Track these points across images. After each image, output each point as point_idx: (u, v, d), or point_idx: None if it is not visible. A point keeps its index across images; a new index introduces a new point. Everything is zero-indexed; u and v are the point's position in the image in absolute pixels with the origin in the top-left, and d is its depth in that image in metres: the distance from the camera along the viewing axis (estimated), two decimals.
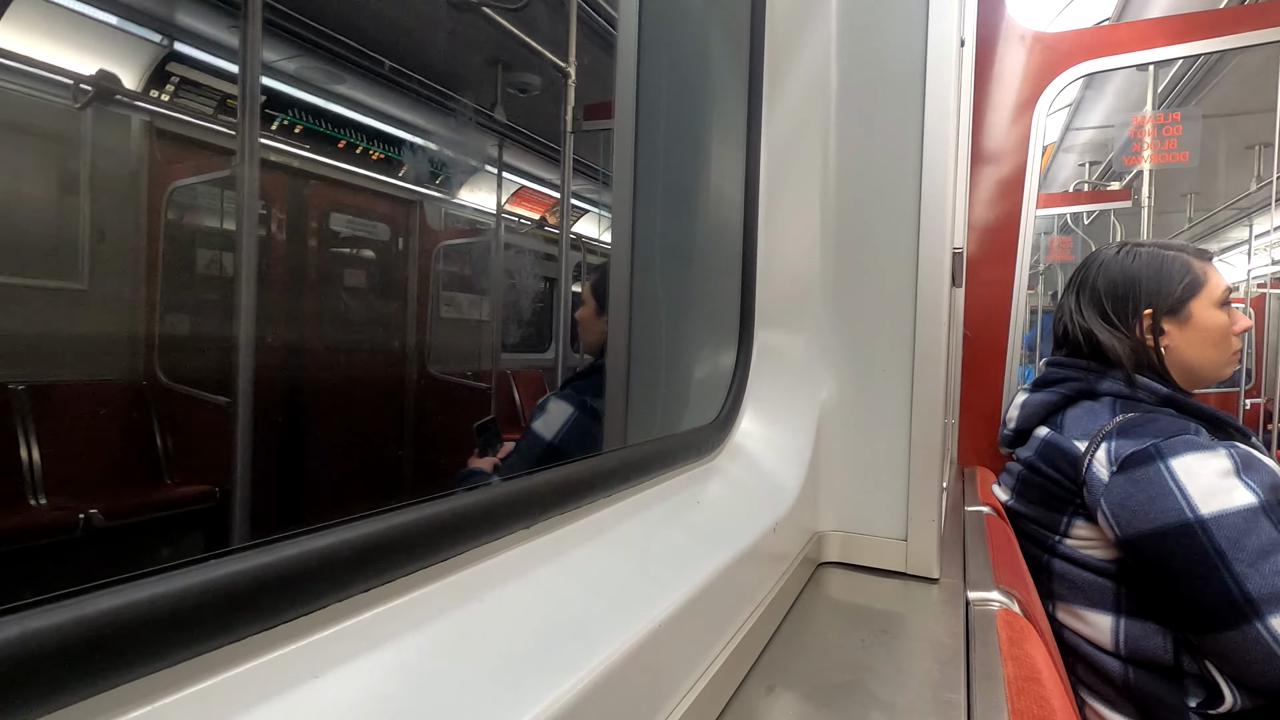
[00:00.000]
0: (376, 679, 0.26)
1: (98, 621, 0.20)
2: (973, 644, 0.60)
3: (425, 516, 0.32)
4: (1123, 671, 1.00)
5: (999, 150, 1.84)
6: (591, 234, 5.65)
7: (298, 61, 3.18)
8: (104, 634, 0.20)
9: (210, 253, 3.07)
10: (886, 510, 0.78)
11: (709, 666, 0.45)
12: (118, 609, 0.20)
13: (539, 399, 1.41)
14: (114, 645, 0.20)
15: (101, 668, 0.20)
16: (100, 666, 0.20)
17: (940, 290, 0.75)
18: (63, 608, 0.19)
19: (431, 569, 0.32)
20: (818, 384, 0.80)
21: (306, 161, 3.49)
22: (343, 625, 0.27)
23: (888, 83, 0.79)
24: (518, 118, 3.97)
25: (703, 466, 0.67)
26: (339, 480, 3.30)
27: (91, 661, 0.20)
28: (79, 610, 0.20)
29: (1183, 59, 2.79)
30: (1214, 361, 1.13)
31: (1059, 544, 1.08)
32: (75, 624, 0.19)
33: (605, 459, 0.51)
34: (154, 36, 2.72)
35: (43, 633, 0.19)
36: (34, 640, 0.18)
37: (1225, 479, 0.92)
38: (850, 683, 0.51)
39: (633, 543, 0.46)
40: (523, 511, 0.39)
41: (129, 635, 0.21)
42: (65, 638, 0.19)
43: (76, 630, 0.19)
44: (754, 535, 0.57)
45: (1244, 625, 0.86)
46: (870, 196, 0.79)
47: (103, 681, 0.20)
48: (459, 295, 4.35)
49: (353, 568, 0.28)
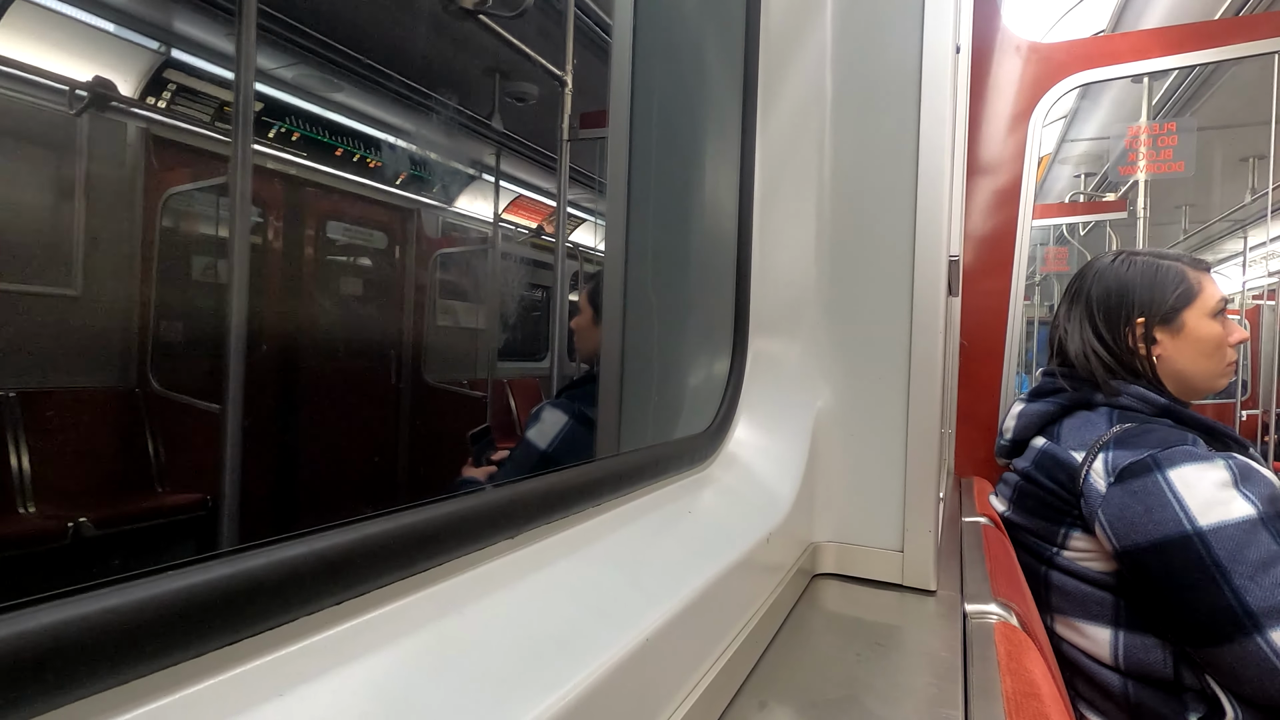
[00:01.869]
0: (346, 696, 0.25)
1: (41, 635, 0.19)
2: (970, 658, 0.59)
3: (401, 526, 0.31)
4: (1122, 686, 0.99)
5: (995, 160, 1.84)
6: (588, 243, 5.65)
7: (293, 69, 3.18)
8: (47, 649, 0.19)
9: (204, 259, 3.06)
10: (882, 521, 0.77)
11: (700, 681, 0.43)
12: (63, 622, 0.19)
13: (533, 408, 1.40)
14: (64, 659, 0.19)
15: (44, 683, 0.19)
16: (43, 682, 0.19)
17: (936, 298, 0.74)
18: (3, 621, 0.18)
19: (407, 581, 0.31)
20: (813, 392, 0.79)
21: (302, 169, 3.49)
22: (310, 640, 0.26)
23: (883, 90, 0.78)
24: (514, 126, 3.97)
25: (695, 475, 0.66)
26: (332, 489, 3.27)
27: (33, 677, 0.19)
28: (21, 624, 0.18)
29: (1177, 70, 2.81)
30: (1207, 372, 1.12)
31: (1056, 556, 1.06)
32: (17, 637, 0.18)
33: (594, 467, 0.50)
34: (150, 44, 2.72)
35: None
36: None
37: (1224, 490, 0.91)
38: (846, 698, 0.50)
39: (622, 553, 0.45)
40: (506, 521, 0.38)
41: (75, 651, 0.19)
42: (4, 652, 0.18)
43: (17, 644, 0.18)
44: (747, 546, 0.55)
45: (1244, 639, 0.85)
46: (866, 204, 0.79)
47: (48, 699, 0.19)
48: (455, 303, 4.35)
49: (321, 580, 0.27)
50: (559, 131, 2.56)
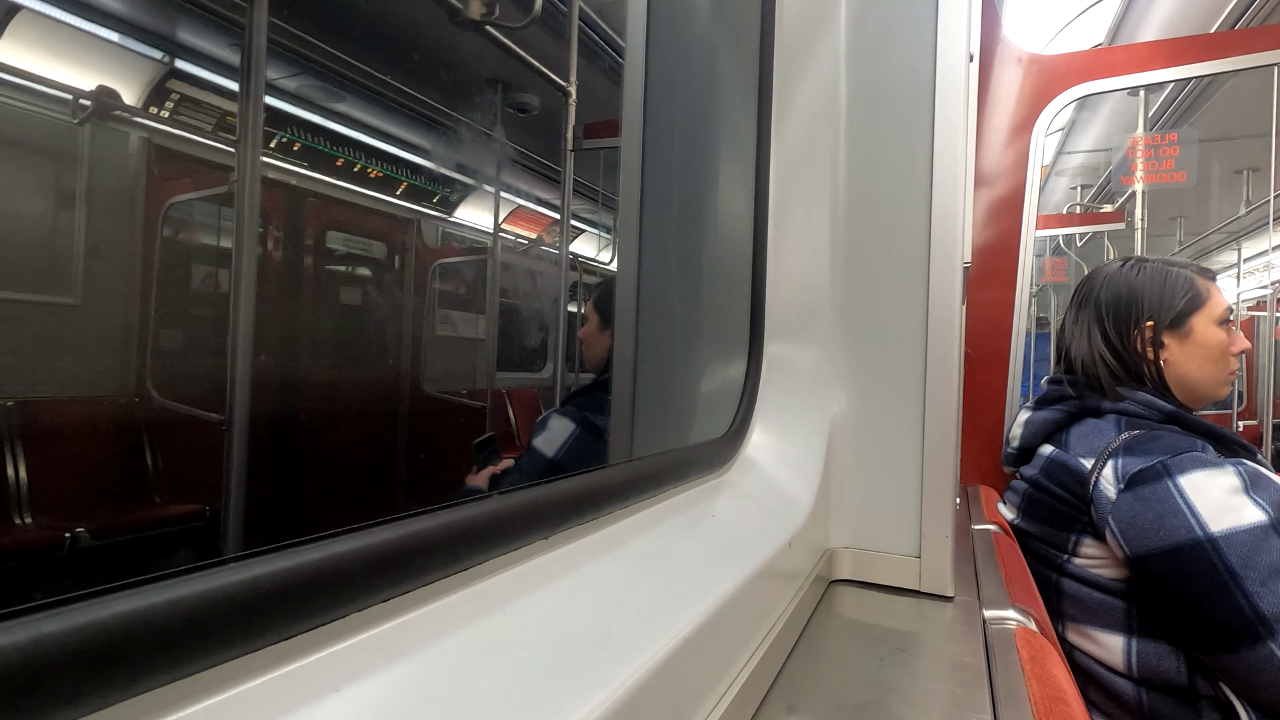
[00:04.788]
0: (397, 693, 0.25)
1: (108, 626, 0.18)
2: (994, 663, 0.58)
3: (442, 524, 0.31)
4: (1136, 694, 0.98)
5: (997, 171, 1.85)
6: (589, 254, 5.66)
7: (296, 79, 3.19)
8: (111, 642, 0.19)
9: (206, 269, 3.05)
10: (899, 527, 0.76)
11: (732, 684, 0.43)
12: (128, 615, 0.19)
13: (537, 417, 1.40)
14: (120, 654, 0.19)
15: (108, 677, 0.19)
16: (107, 676, 0.19)
17: (953, 305, 0.74)
18: (72, 611, 0.18)
19: (450, 579, 0.31)
20: (828, 398, 0.79)
21: (305, 179, 3.49)
22: (362, 636, 0.26)
23: (897, 97, 0.78)
24: (517, 137, 3.99)
25: (714, 480, 0.65)
26: (332, 499, 3.25)
27: (97, 670, 0.18)
28: (90, 615, 0.18)
29: (1174, 83, 2.83)
30: (1211, 379, 1.13)
31: (1068, 563, 1.06)
32: (86, 628, 0.18)
33: (619, 470, 0.50)
34: (155, 53, 2.73)
35: (52, 638, 0.17)
36: (42, 645, 0.17)
37: (1234, 496, 0.91)
38: (873, 703, 0.50)
39: (651, 556, 0.45)
40: (540, 522, 0.38)
41: (138, 644, 0.19)
42: (73, 644, 0.18)
43: (84, 636, 0.18)
44: (770, 550, 0.55)
45: (1257, 645, 0.85)
46: (880, 210, 0.79)
47: (109, 693, 0.19)
48: (454, 313, 4.34)
49: (371, 576, 0.26)
50: (563, 142, 2.56)
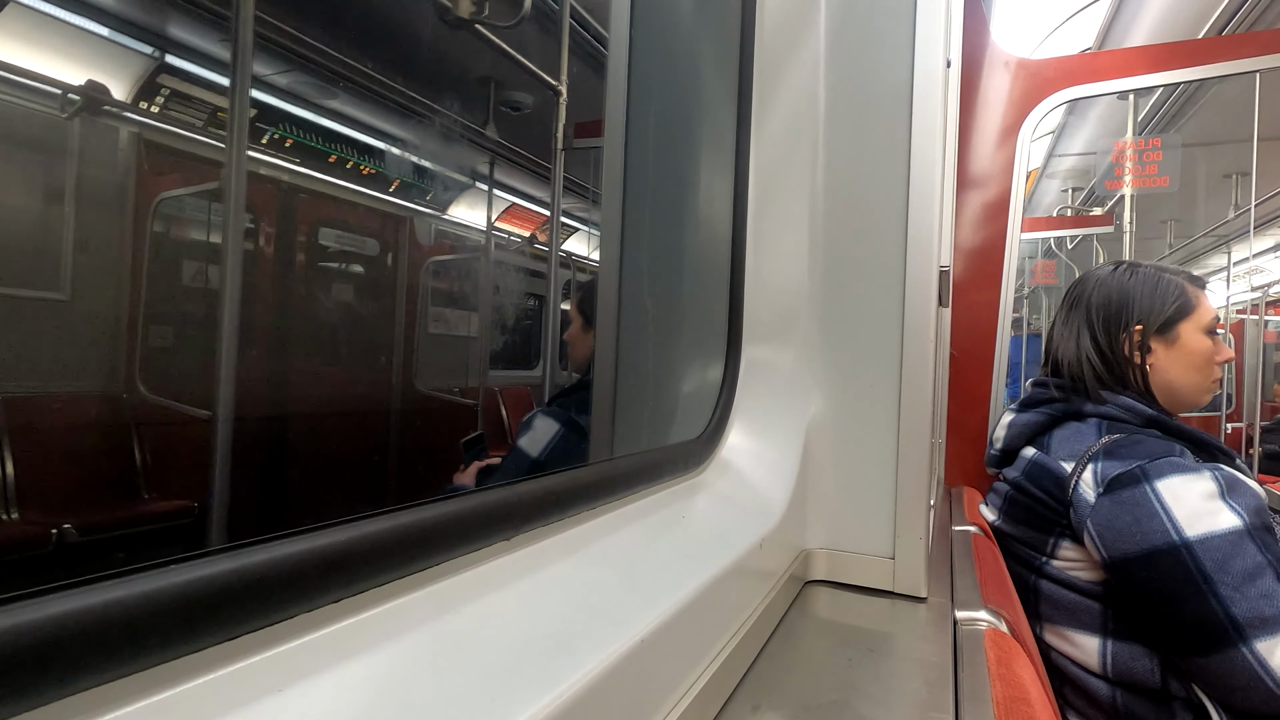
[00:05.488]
0: (345, 692, 0.25)
1: (41, 627, 0.19)
2: (961, 664, 0.59)
3: (399, 525, 0.31)
4: (1110, 694, 0.99)
5: (985, 174, 1.86)
6: (581, 252, 5.66)
7: (287, 75, 3.18)
8: (45, 642, 0.19)
9: (195, 264, 3.04)
10: (874, 528, 0.77)
11: (694, 683, 0.44)
12: (62, 615, 0.19)
13: (525, 415, 1.40)
14: (54, 655, 0.19)
15: (40, 677, 0.19)
16: (39, 676, 0.19)
17: (928, 308, 0.75)
18: (4, 613, 0.18)
19: (406, 580, 0.31)
20: (805, 399, 0.80)
21: (295, 175, 3.48)
22: (310, 637, 0.26)
23: (875, 102, 0.79)
24: (509, 135, 3.98)
25: (689, 481, 0.66)
26: (320, 495, 3.25)
27: (28, 670, 0.19)
28: (23, 615, 0.18)
29: (1162, 88, 2.85)
30: (1195, 385, 1.14)
31: (1046, 565, 1.07)
32: (20, 628, 0.18)
33: (589, 471, 0.50)
34: (144, 48, 2.72)
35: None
36: None
37: (1210, 502, 0.92)
38: (838, 702, 0.50)
39: (617, 556, 0.45)
40: (503, 522, 0.38)
41: (73, 644, 0.19)
42: (3, 644, 0.18)
43: (13, 637, 0.18)
44: (740, 551, 0.56)
45: (1230, 649, 0.86)
46: (858, 213, 0.80)
47: (43, 692, 0.19)
48: (446, 311, 4.34)
49: (322, 577, 0.27)
50: (554, 141, 2.57)
